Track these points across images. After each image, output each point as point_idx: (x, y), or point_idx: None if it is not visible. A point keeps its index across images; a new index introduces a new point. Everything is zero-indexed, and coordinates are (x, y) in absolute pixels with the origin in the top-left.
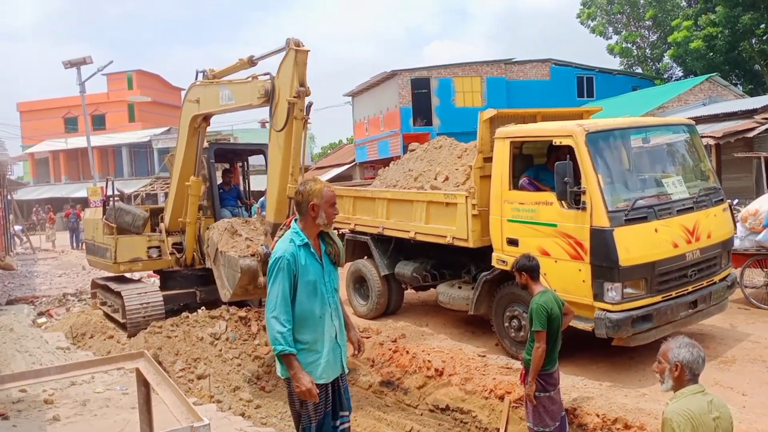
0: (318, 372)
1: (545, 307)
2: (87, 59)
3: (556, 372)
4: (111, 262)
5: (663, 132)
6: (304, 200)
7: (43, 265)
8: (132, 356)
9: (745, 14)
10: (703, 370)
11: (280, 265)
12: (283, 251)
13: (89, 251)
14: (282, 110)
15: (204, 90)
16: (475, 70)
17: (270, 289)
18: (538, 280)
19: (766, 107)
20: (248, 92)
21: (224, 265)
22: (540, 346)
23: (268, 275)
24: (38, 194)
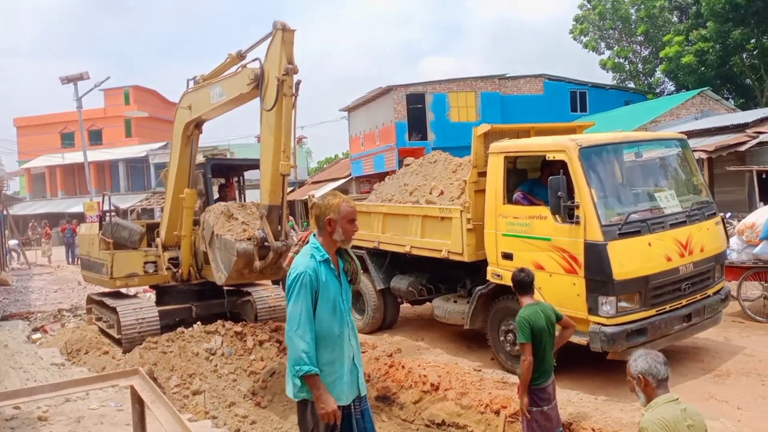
0: (336, 393)
1: (528, 319)
2: (84, 75)
3: (550, 386)
4: (107, 278)
5: (655, 146)
6: (321, 214)
7: (38, 280)
8: (126, 373)
9: (735, 29)
10: (666, 373)
11: (302, 281)
12: (304, 267)
13: (84, 267)
14: (272, 89)
15: (195, 94)
16: (470, 85)
17: (291, 306)
18: (527, 294)
19: (757, 121)
20: (238, 82)
21: (219, 248)
22: (526, 359)
23: (288, 291)
24: (34, 209)
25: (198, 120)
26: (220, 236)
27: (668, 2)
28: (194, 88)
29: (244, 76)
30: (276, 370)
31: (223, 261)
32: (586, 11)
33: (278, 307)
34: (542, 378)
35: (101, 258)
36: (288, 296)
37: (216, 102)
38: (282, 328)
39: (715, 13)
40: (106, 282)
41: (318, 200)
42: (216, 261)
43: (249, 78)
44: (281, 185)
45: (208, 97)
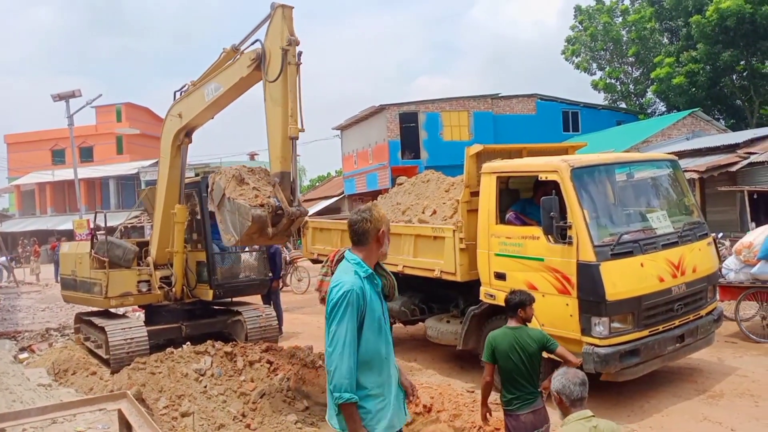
0: (387, 420)
1: (490, 340)
2: (76, 92)
3: (527, 415)
4: (101, 297)
5: (647, 167)
6: (373, 227)
7: (26, 298)
8: (114, 397)
9: (725, 51)
10: (581, 393)
11: (349, 299)
12: (351, 284)
13: (67, 287)
14: (276, 60)
15: (186, 101)
16: (463, 104)
17: (335, 327)
18: (513, 318)
19: (748, 142)
20: (237, 68)
21: (231, 212)
22: (484, 378)
23: (332, 310)
24: (23, 227)
25: (188, 127)
26: (232, 200)
27: (659, 24)
28: (183, 95)
29: (244, 59)
30: (266, 392)
31: (234, 225)
32: (578, 32)
33: (269, 327)
34: (515, 405)
35: (93, 277)
36: (332, 315)
37: (211, 98)
38: (273, 349)
39: (705, 35)
40: (98, 302)
41: (366, 213)
42: (226, 223)
43: (249, 59)
44: (291, 150)
45: (201, 97)
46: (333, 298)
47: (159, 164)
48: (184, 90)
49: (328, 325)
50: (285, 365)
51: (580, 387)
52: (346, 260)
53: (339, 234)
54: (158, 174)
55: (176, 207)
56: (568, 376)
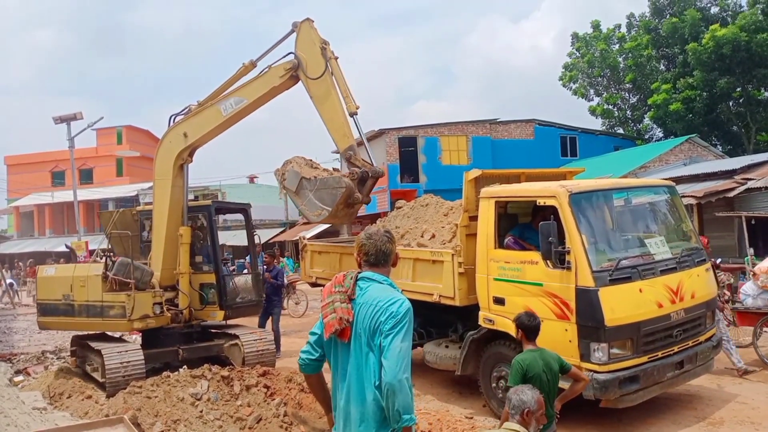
0: None
1: (522, 364)
2: (78, 115)
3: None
4: (124, 321)
5: (644, 193)
6: (395, 248)
7: (22, 320)
8: (111, 422)
9: (721, 78)
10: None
11: (411, 315)
12: (408, 301)
13: (54, 312)
14: (314, 60)
15: (192, 120)
16: (461, 129)
17: (402, 344)
18: (533, 340)
19: (745, 167)
20: (266, 80)
21: (317, 189)
22: None
23: (399, 324)
24: (21, 248)
25: (194, 146)
26: (315, 178)
27: (655, 51)
28: (189, 115)
29: (275, 71)
30: (263, 417)
31: (323, 199)
32: (575, 59)
33: (266, 351)
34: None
35: (110, 300)
36: (397, 330)
37: (231, 112)
38: (270, 373)
39: (701, 63)
40: (119, 325)
41: (389, 234)
42: (311, 202)
43: (284, 69)
44: (349, 127)
45: (217, 113)
46: (399, 312)
47: (155, 186)
48: (185, 112)
49: (391, 339)
50: (282, 390)
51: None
52: (376, 281)
53: (338, 257)
54: (155, 196)
55: (182, 229)
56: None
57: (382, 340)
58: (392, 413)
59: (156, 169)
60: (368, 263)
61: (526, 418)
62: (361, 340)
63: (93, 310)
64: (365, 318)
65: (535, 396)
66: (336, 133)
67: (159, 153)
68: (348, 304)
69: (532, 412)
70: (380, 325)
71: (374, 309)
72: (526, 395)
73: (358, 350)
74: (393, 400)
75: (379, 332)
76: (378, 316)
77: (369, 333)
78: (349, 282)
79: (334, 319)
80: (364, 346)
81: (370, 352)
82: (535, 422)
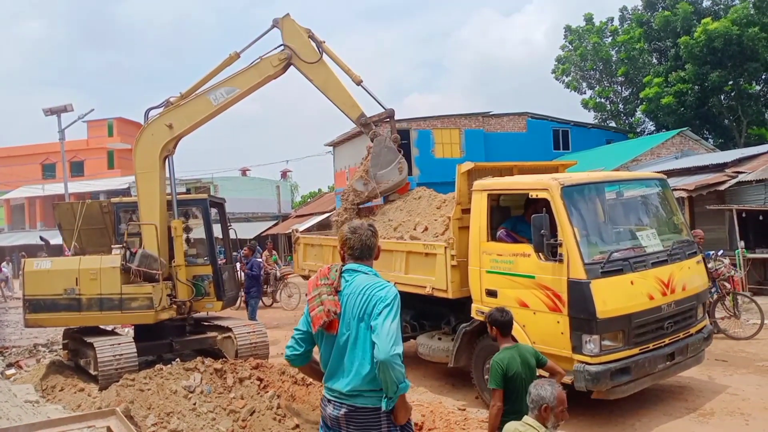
0: None
1: (501, 364)
2: (68, 107)
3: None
4: (151, 312)
5: (636, 186)
6: (377, 241)
7: (14, 314)
8: (103, 414)
9: (713, 72)
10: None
11: (398, 299)
12: (394, 286)
13: (52, 308)
14: (305, 48)
15: (179, 111)
16: (454, 122)
17: (394, 324)
18: (507, 336)
19: (736, 161)
20: (260, 70)
21: (374, 165)
22: (494, 405)
23: (388, 305)
24: (12, 241)
25: (180, 137)
26: (365, 171)
27: (648, 45)
28: (173, 106)
29: (270, 60)
30: (256, 409)
31: (386, 159)
32: (568, 52)
33: (260, 343)
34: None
35: (130, 293)
36: (388, 311)
37: (222, 101)
38: (263, 366)
39: (693, 56)
40: (144, 317)
41: (372, 228)
42: (388, 172)
43: (279, 59)
44: (353, 98)
45: (206, 103)
46: (388, 296)
47: (138, 180)
48: (164, 105)
49: (382, 320)
50: (275, 382)
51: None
52: (361, 272)
53: (331, 250)
54: (139, 190)
55: (173, 222)
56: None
57: (373, 323)
58: (389, 386)
59: (137, 162)
60: (353, 257)
61: (544, 414)
62: (352, 328)
63: (109, 304)
64: (354, 307)
65: (554, 392)
66: (345, 107)
67: (139, 146)
68: (335, 297)
69: (550, 408)
70: (371, 310)
71: (363, 296)
72: (545, 390)
73: (350, 338)
74: (387, 375)
75: (370, 316)
76: (367, 301)
77: (359, 319)
78: (334, 274)
79: (322, 311)
80: (359, 333)
81: (364, 338)
82: (554, 418)
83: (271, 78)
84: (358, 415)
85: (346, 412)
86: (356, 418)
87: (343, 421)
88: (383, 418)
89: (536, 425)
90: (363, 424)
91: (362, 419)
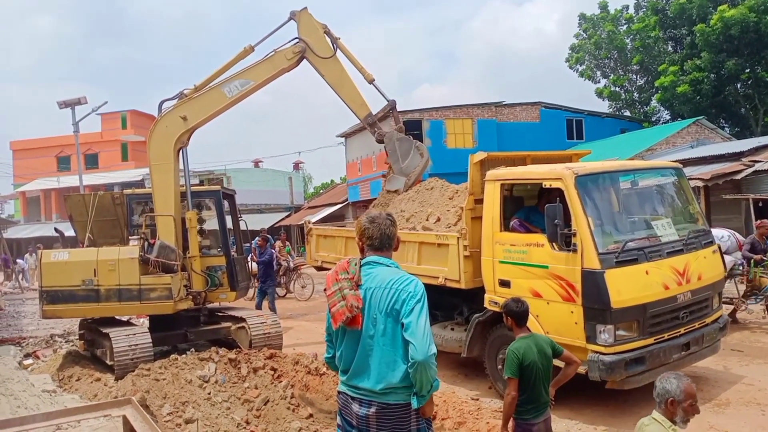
0: None
1: (517, 353)
2: (82, 99)
3: (540, 423)
4: (171, 302)
5: (651, 175)
6: (396, 234)
7: (31, 305)
8: (119, 403)
9: (729, 60)
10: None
11: (425, 294)
12: (419, 279)
13: (71, 299)
14: (320, 43)
15: (193, 103)
16: (466, 112)
17: (425, 320)
18: (523, 326)
19: (753, 150)
20: (275, 63)
21: (398, 160)
22: (509, 394)
23: (418, 302)
24: (28, 233)
25: (194, 129)
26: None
27: (663, 33)
28: (187, 99)
29: (283, 54)
30: (270, 399)
31: (405, 150)
32: (582, 41)
33: (273, 334)
34: (531, 414)
35: (149, 283)
36: (420, 308)
37: (236, 94)
38: (277, 356)
39: (709, 44)
40: (164, 307)
41: (391, 218)
42: (410, 161)
43: (293, 53)
44: (363, 97)
45: (220, 96)
46: (417, 291)
47: (153, 171)
48: (178, 97)
49: (417, 318)
50: (289, 372)
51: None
52: (383, 265)
53: (343, 241)
54: (153, 181)
55: (188, 213)
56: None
57: (405, 320)
58: (423, 385)
59: (152, 153)
60: (372, 247)
61: (671, 408)
62: (379, 323)
63: (127, 295)
64: (381, 301)
65: (681, 385)
66: (354, 105)
67: (154, 138)
68: (356, 291)
69: (677, 402)
70: (400, 306)
71: (389, 290)
72: (671, 384)
73: (377, 334)
74: (423, 375)
75: (398, 312)
76: (395, 297)
77: (387, 314)
78: (354, 268)
79: (344, 307)
80: (386, 329)
81: (394, 334)
82: (683, 412)
83: (285, 71)
84: (389, 413)
85: (376, 410)
86: (387, 415)
87: (373, 420)
88: (413, 413)
89: (662, 420)
90: (394, 421)
91: (393, 416)
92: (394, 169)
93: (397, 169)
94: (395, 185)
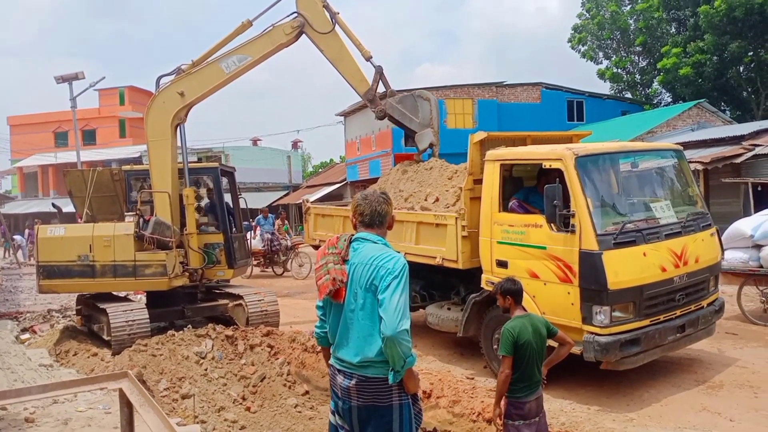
0: None
1: (512, 332)
2: (79, 75)
3: (532, 402)
4: (165, 279)
5: (651, 157)
6: (391, 210)
7: (28, 280)
8: (115, 376)
9: (732, 42)
10: None
11: (406, 271)
12: (404, 258)
13: (66, 274)
14: (319, 17)
15: (190, 78)
16: (467, 92)
17: (401, 296)
18: (520, 305)
19: (753, 134)
20: (273, 38)
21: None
22: (503, 371)
23: (396, 278)
24: (26, 209)
25: (191, 105)
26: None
27: (666, 14)
28: (184, 74)
29: (283, 28)
30: (267, 375)
31: (414, 108)
32: (585, 21)
33: (270, 311)
34: (523, 392)
35: (144, 259)
36: (395, 285)
37: (234, 69)
38: (274, 333)
39: (712, 26)
40: (158, 283)
41: (385, 196)
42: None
43: (291, 27)
44: (362, 72)
45: (218, 71)
46: (395, 268)
47: (150, 147)
48: (176, 73)
49: (391, 294)
50: (286, 349)
51: None
52: (370, 241)
53: (341, 220)
54: (151, 158)
55: (185, 190)
56: None
57: (380, 295)
58: (396, 360)
59: (149, 130)
60: (363, 224)
61: None
62: (359, 298)
63: (122, 270)
64: (361, 276)
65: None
66: (353, 80)
67: (151, 114)
68: (342, 265)
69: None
70: (378, 281)
71: (370, 267)
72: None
73: (357, 308)
74: (394, 350)
75: (377, 288)
76: (374, 272)
77: (366, 289)
78: (342, 243)
79: (328, 280)
80: (366, 303)
81: (372, 309)
82: None
83: (284, 46)
84: (369, 385)
85: (356, 383)
86: (367, 388)
87: (354, 392)
88: (394, 388)
89: None
90: (374, 394)
91: (373, 389)
92: (412, 127)
93: (415, 126)
94: (425, 140)
